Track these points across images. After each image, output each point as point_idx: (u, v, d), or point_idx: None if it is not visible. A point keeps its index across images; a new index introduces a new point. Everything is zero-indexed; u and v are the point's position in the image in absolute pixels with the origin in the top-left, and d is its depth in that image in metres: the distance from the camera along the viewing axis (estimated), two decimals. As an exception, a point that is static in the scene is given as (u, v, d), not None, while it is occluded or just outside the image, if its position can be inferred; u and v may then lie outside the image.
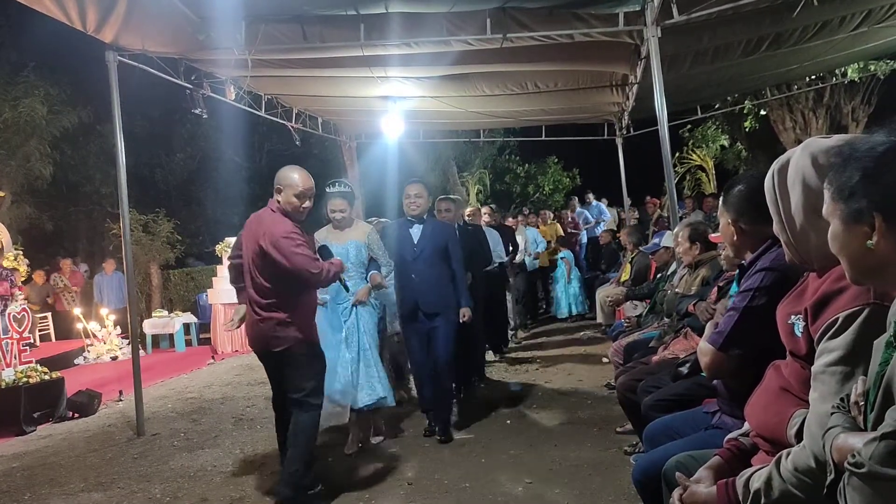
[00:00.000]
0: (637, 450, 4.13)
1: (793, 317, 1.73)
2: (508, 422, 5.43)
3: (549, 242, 11.27)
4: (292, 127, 9.67)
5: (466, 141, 15.31)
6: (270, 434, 4.82)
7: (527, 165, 21.75)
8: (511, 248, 9.05)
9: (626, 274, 8.07)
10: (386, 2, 5.57)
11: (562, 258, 11.34)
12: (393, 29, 5.89)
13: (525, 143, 18.24)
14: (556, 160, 21.83)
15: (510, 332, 9.17)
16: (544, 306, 11.90)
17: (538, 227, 11.83)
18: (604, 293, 8.53)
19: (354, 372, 4.79)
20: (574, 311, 11.15)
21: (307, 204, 3.93)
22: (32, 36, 12.26)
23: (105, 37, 5.74)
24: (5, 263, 11.22)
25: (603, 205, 14.57)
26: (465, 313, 5.19)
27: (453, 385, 5.62)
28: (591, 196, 14.73)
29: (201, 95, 7.40)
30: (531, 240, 10.67)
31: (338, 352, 4.75)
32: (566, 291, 11.19)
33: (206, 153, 18.11)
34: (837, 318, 1.53)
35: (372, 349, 4.91)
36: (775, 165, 1.82)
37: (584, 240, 13.42)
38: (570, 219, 12.70)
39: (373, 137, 11.91)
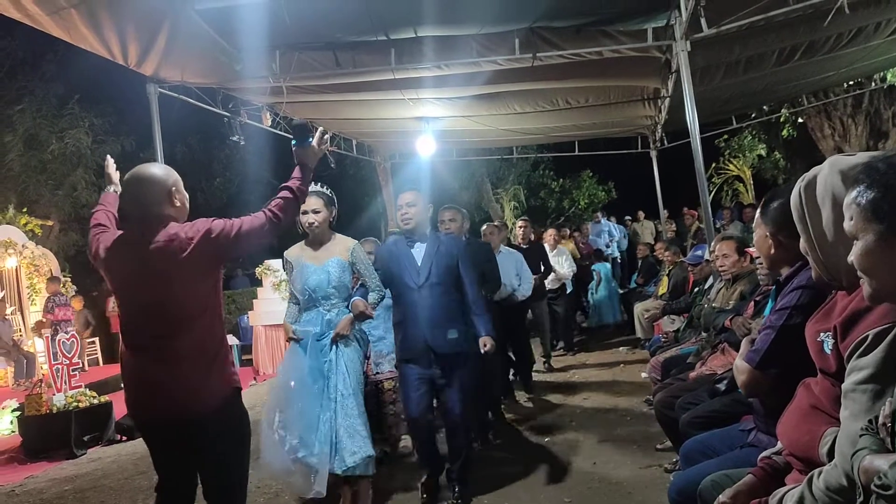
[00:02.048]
0: (677, 467, 4.09)
1: (822, 334, 1.73)
2: (547, 439, 5.41)
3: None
4: (327, 150, 9.84)
5: (500, 158, 15.36)
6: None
7: (561, 180, 21.72)
8: (543, 270, 7.87)
9: (663, 287, 8.00)
10: (415, 26, 5.68)
11: (594, 270, 11.46)
12: (423, 52, 6.01)
13: (559, 158, 18.24)
14: (590, 174, 21.76)
15: (543, 361, 8.37)
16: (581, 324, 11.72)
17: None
18: (642, 307, 8.47)
19: (333, 427, 3.77)
20: (603, 321, 11.20)
21: None
22: (77, 70, 12.71)
23: (146, 70, 5.96)
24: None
25: (612, 224, 14.31)
26: (485, 342, 4.09)
27: (471, 439, 4.66)
28: (599, 215, 14.51)
29: (238, 123, 7.61)
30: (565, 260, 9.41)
31: (319, 404, 3.80)
32: (596, 302, 11.33)
33: (244, 177, 18.47)
34: (867, 336, 1.52)
35: (355, 395, 3.87)
36: (801, 183, 1.82)
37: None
38: (582, 244, 12.41)
39: (407, 157, 12.06)
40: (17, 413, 7.06)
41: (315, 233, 3.99)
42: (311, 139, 2.87)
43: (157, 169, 2.78)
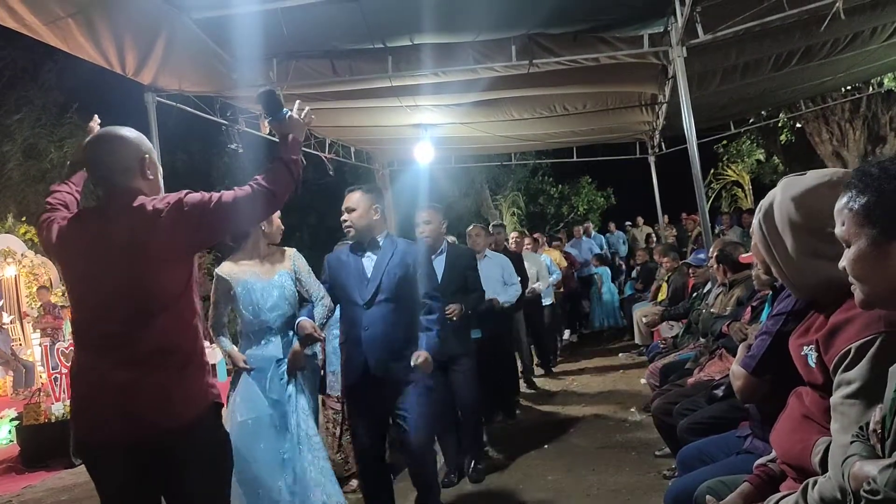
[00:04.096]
0: (675, 473, 4.07)
1: (805, 348, 1.74)
2: (546, 446, 5.40)
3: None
4: (326, 157, 9.84)
5: (498, 164, 15.37)
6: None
7: (560, 186, 21.72)
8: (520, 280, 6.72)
9: (663, 294, 7.99)
10: (411, 34, 5.68)
11: (596, 274, 11.56)
12: (421, 59, 6.01)
13: (558, 164, 18.21)
14: (589, 180, 21.77)
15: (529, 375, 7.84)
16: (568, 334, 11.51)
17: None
18: (640, 313, 8.46)
19: (295, 468, 3.30)
20: (606, 325, 11.31)
21: None
22: (76, 79, 12.73)
23: (144, 79, 5.95)
24: (53, 299, 11.61)
25: (600, 238, 13.85)
26: (419, 356, 3.41)
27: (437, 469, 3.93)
28: (590, 228, 14.01)
29: (237, 130, 7.61)
30: (545, 266, 8.66)
31: (280, 441, 3.32)
32: (598, 305, 11.42)
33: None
34: (850, 350, 1.53)
35: (318, 435, 3.50)
36: (758, 214, 1.85)
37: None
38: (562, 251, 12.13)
39: (405, 164, 12.04)
40: (16, 422, 7.04)
41: (273, 240, 3.62)
42: (285, 111, 2.41)
43: (129, 132, 2.30)
